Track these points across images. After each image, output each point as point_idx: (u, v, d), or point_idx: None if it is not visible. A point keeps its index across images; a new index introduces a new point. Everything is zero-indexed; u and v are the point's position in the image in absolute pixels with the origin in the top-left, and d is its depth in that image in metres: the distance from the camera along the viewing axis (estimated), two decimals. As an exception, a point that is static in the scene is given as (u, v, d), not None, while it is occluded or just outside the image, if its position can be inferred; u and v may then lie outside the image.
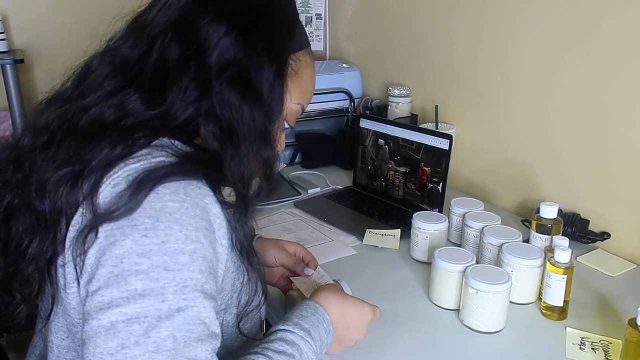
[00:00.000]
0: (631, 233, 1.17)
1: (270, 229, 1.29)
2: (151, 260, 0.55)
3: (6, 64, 1.62)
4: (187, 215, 0.57)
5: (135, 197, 0.56)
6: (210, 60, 0.65)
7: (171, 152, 0.62)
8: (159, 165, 0.59)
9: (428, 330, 0.93)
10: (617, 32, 1.13)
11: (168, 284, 0.55)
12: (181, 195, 0.58)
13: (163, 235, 0.56)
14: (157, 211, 0.56)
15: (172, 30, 0.66)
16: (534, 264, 0.97)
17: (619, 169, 1.18)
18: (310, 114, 1.76)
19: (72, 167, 0.62)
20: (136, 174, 0.58)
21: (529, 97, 1.34)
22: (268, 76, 0.67)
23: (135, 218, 0.56)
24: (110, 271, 0.55)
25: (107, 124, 0.63)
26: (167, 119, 0.65)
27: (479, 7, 1.43)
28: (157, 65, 0.66)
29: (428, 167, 1.36)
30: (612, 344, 0.89)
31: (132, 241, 0.55)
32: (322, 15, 2.09)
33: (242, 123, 0.66)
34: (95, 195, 0.58)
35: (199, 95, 0.65)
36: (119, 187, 0.58)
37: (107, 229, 0.57)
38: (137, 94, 0.65)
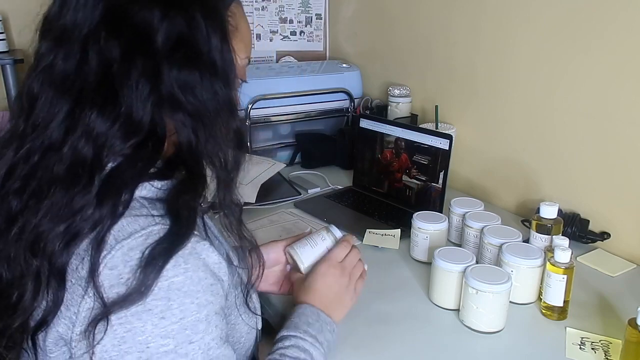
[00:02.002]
0: (631, 233, 1.17)
1: (271, 229, 1.29)
2: (176, 339, 0.57)
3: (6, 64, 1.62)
4: (192, 284, 0.58)
5: (144, 283, 0.56)
6: (157, 48, 0.61)
7: (155, 211, 0.60)
8: (152, 239, 0.57)
9: (428, 330, 0.93)
10: (617, 32, 1.13)
11: (195, 353, 0.59)
12: (182, 267, 0.58)
13: (179, 313, 0.57)
14: (167, 290, 0.57)
15: (105, 29, 0.60)
16: (534, 264, 0.97)
17: (619, 169, 1.18)
18: (310, 114, 1.76)
19: (65, 225, 0.58)
20: (135, 254, 0.57)
21: (529, 97, 1.34)
22: (216, 44, 0.64)
23: (148, 302, 0.56)
24: (138, 357, 0.56)
25: (88, 166, 0.59)
26: (132, 129, 0.60)
27: (479, 7, 1.43)
28: (100, 70, 0.60)
29: (428, 167, 1.36)
30: (612, 344, 0.89)
31: (152, 325, 0.56)
32: (322, 15, 2.09)
33: (208, 101, 0.64)
34: (97, 280, 0.56)
35: (152, 87, 0.61)
36: (118, 270, 0.56)
37: (121, 316, 0.56)
38: (94, 111, 0.59)
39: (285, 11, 2.04)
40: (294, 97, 1.71)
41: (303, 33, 2.09)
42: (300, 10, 2.06)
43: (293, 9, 2.05)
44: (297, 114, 1.74)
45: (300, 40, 2.09)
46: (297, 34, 2.08)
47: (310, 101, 1.75)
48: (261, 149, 1.71)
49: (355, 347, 0.88)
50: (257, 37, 2.01)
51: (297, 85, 1.73)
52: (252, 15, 1.99)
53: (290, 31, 2.07)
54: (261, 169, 1.49)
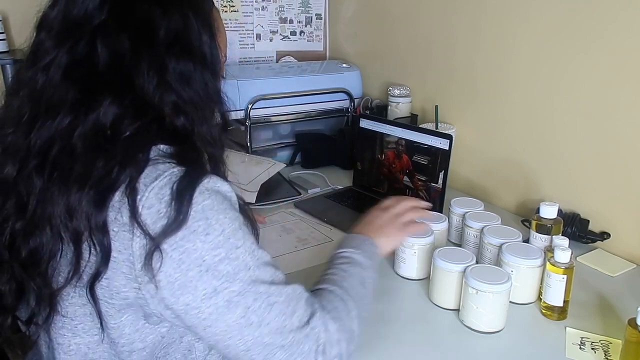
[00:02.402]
0: (631, 233, 1.17)
1: (271, 229, 1.29)
2: (224, 248, 0.66)
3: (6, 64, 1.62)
4: (219, 204, 0.67)
5: (181, 210, 0.64)
6: (159, 41, 0.69)
7: (169, 162, 0.68)
8: (175, 177, 0.66)
9: (428, 330, 0.93)
10: (617, 33, 1.13)
11: (244, 256, 0.68)
12: (205, 194, 0.66)
13: (219, 227, 0.66)
14: (202, 212, 0.65)
15: (114, 23, 0.68)
16: (534, 264, 0.97)
17: (619, 169, 1.18)
18: (310, 114, 1.76)
19: (96, 188, 0.65)
20: (165, 191, 0.65)
21: (529, 97, 1.34)
22: (206, 40, 0.74)
23: (190, 225, 0.64)
24: (198, 271, 0.64)
25: (108, 138, 0.67)
26: (142, 109, 0.68)
27: (479, 8, 1.43)
28: (112, 59, 0.68)
29: (428, 167, 1.36)
30: (612, 344, 0.89)
31: (201, 242, 0.65)
32: (322, 15, 2.09)
33: (201, 91, 0.73)
34: (140, 220, 0.63)
35: (160, 77, 0.69)
36: (156, 207, 0.64)
37: (171, 242, 0.64)
38: (108, 95, 0.67)
39: (285, 11, 2.04)
40: (294, 97, 1.71)
41: (303, 33, 2.09)
42: (300, 10, 2.06)
43: (293, 9, 2.05)
44: (297, 114, 1.74)
45: (300, 40, 2.09)
46: (297, 34, 2.08)
47: (310, 101, 1.75)
48: (261, 149, 1.71)
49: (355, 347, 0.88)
50: (257, 37, 2.01)
51: (297, 85, 1.72)
52: (252, 15, 1.98)
53: (290, 31, 2.07)
54: (261, 169, 1.49)
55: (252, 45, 2.01)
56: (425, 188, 1.37)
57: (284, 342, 0.69)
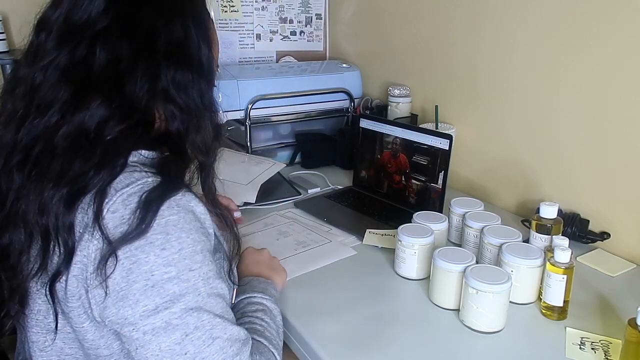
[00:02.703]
0: (631, 233, 1.17)
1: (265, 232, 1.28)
2: (177, 267, 0.65)
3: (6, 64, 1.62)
4: (186, 223, 0.67)
5: (144, 220, 0.63)
6: (158, 49, 0.71)
7: (147, 170, 0.69)
8: (148, 187, 0.66)
9: (428, 330, 0.93)
10: (617, 33, 1.13)
11: (196, 280, 0.66)
12: (175, 208, 0.66)
13: (177, 245, 0.65)
14: (164, 226, 0.65)
15: (117, 30, 0.69)
16: (534, 264, 0.97)
17: (618, 169, 1.18)
18: (310, 114, 1.76)
19: (68, 188, 0.65)
20: (133, 199, 0.65)
21: (528, 97, 1.34)
22: (205, 51, 0.76)
23: (149, 237, 0.64)
24: (144, 285, 0.63)
25: (90, 139, 0.67)
26: (129, 113, 0.69)
27: (479, 7, 1.43)
28: (109, 64, 0.69)
29: (428, 167, 1.36)
30: (612, 344, 0.89)
31: (154, 256, 0.64)
32: (322, 15, 2.09)
33: (197, 99, 0.74)
34: (102, 223, 0.64)
35: (152, 83, 0.70)
36: (120, 212, 0.64)
37: (126, 250, 0.63)
38: (100, 97, 0.68)
39: (285, 11, 2.04)
40: (294, 97, 1.71)
41: (303, 33, 2.09)
42: (300, 10, 2.06)
43: (293, 9, 2.05)
44: (297, 114, 1.74)
45: (300, 40, 2.09)
46: (297, 34, 2.08)
47: (310, 101, 1.75)
48: (261, 149, 1.71)
49: (355, 347, 0.88)
50: (257, 37, 2.01)
51: (297, 85, 1.72)
52: (252, 15, 1.98)
53: (290, 31, 2.07)
54: (261, 169, 1.49)
55: (252, 45, 2.01)
56: (425, 188, 1.37)
57: None
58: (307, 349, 0.90)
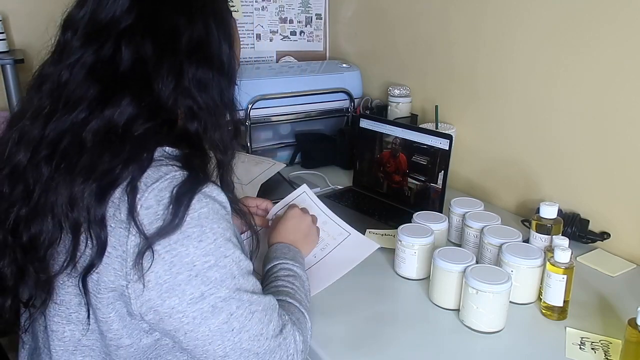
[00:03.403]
0: (631, 233, 1.17)
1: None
2: (214, 255, 0.69)
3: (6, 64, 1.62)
4: (214, 214, 0.70)
5: (177, 214, 0.66)
6: (181, 48, 0.72)
7: (172, 164, 0.71)
8: (177, 181, 0.68)
9: (428, 330, 0.93)
10: (617, 33, 1.13)
11: (231, 265, 0.71)
12: (203, 201, 0.69)
13: (212, 235, 0.69)
14: (197, 219, 0.68)
15: (141, 29, 0.71)
16: (533, 264, 0.97)
17: (618, 169, 1.18)
18: (310, 114, 1.76)
19: (98, 182, 0.67)
20: (165, 194, 0.67)
21: (528, 97, 1.34)
22: (225, 49, 0.77)
23: (184, 230, 0.67)
24: (188, 275, 0.67)
25: (118, 135, 0.69)
26: (156, 111, 0.71)
27: (479, 8, 1.43)
28: (135, 62, 0.70)
29: (428, 167, 1.36)
30: (612, 344, 0.89)
31: (194, 248, 0.67)
32: (322, 15, 2.09)
33: (217, 97, 0.75)
34: (137, 219, 0.65)
35: (177, 82, 0.72)
36: (153, 208, 0.66)
37: (165, 244, 0.66)
38: (128, 96, 0.69)
39: (285, 11, 2.04)
40: (294, 97, 1.71)
41: (303, 33, 2.09)
42: (300, 10, 2.06)
43: (293, 9, 2.05)
44: (297, 114, 1.74)
45: (300, 40, 2.09)
46: (297, 34, 2.08)
47: (310, 101, 1.75)
48: (261, 149, 1.71)
49: (355, 347, 0.88)
50: (257, 37, 2.01)
51: (297, 85, 1.72)
52: (252, 16, 1.98)
53: (290, 31, 2.07)
54: (261, 169, 1.49)
55: (252, 45, 2.01)
56: (425, 188, 1.37)
57: (260, 349, 0.72)
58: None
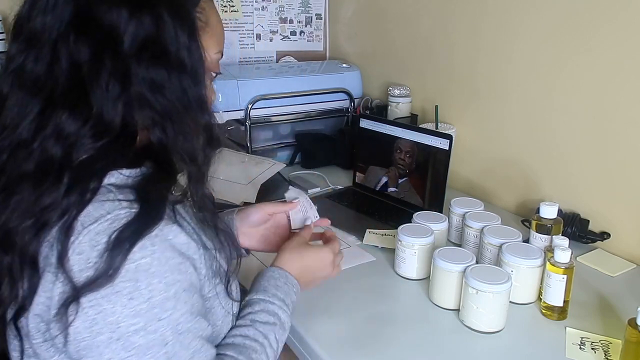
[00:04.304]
0: (631, 233, 1.17)
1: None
2: (145, 318, 0.59)
3: (6, 64, 1.63)
4: (160, 264, 0.60)
5: (112, 265, 0.57)
6: (125, 48, 0.61)
7: (122, 197, 0.62)
8: (119, 223, 0.59)
9: (428, 330, 0.93)
10: (617, 33, 1.13)
11: (164, 330, 0.61)
12: (149, 249, 0.60)
13: (147, 293, 0.59)
14: (134, 272, 0.58)
15: (74, 31, 0.61)
16: (534, 264, 0.97)
17: (618, 169, 1.18)
18: (310, 114, 1.76)
19: (34, 220, 0.60)
20: (101, 239, 0.58)
21: (529, 97, 1.34)
22: (184, 42, 0.65)
23: (116, 285, 0.58)
24: (109, 337, 0.58)
25: (57, 163, 0.60)
26: (101, 127, 0.62)
27: (479, 7, 1.43)
28: (71, 72, 0.61)
29: (428, 167, 1.36)
30: (612, 344, 0.89)
31: (121, 306, 0.58)
32: (322, 15, 2.09)
33: (177, 99, 0.65)
34: (67, 265, 0.57)
35: (122, 88, 0.62)
36: (85, 254, 0.58)
37: (91, 298, 0.58)
38: (65, 112, 0.61)
39: (285, 11, 2.04)
40: (294, 97, 1.71)
41: (303, 33, 2.09)
42: (300, 10, 2.06)
43: (293, 9, 2.05)
44: (297, 114, 1.74)
45: (300, 40, 2.09)
46: (297, 34, 2.08)
47: (310, 101, 1.75)
48: (261, 149, 1.71)
49: (355, 347, 0.88)
50: (257, 37, 2.01)
51: (297, 85, 1.72)
52: (252, 16, 1.98)
53: (290, 31, 2.07)
54: (261, 169, 1.49)
55: (252, 45, 2.01)
56: (425, 188, 1.37)
57: None
58: (307, 349, 0.90)
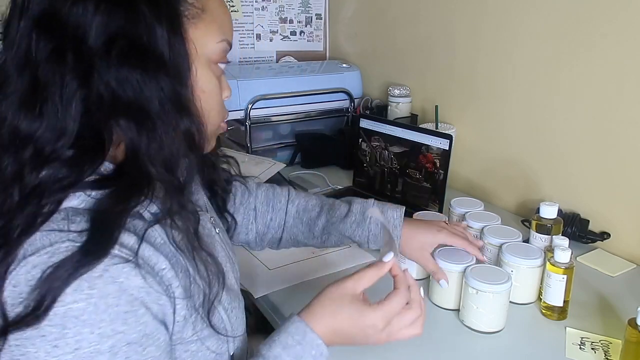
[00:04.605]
0: (631, 233, 1.17)
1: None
2: None
3: (6, 64, 1.63)
4: (96, 312, 0.52)
5: (41, 305, 0.51)
6: (90, 44, 0.55)
7: (74, 228, 0.54)
8: (57, 257, 0.52)
9: (428, 330, 0.93)
10: (617, 33, 1.13)
11: None
12: (85, 292, 0.52)
13: (74, 343, 0.52)
14: (62, 317, 0.51)
15: (36, 29, 0.55)
16: (534, 264, 0.97)
17: (619, 169, 1.18)
18: (310, 114, 1.76)
19: None
20: (35, 273, 0.52)
21: (529, 97, 1.34)
22: (162, 35, 0.57)
23: (42, 328, 0.51)
24: None
25: (11, 176, 0.55)
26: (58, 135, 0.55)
27: (479, 7, 1.43)
28: (32, 74, 0.55)
29: (428, 167, 1.36)
30: (612, 344, 0.89)
31: (44, 353, 0.51)
32: (322, 15, 2.09)
33: (152, 99, 0.57)
34: (2, 294, 0.52)
35: (80, 85, 0.55)
36: (19, 287, 0.52)
37: (17, 337, 0.52)
38: (19, 116, 0.55)
39: (285, 11, 2.04)
40: (294, 97, 1.71)
41: (303, 33, 2.09)
42: (300, 10, 2.06)
43: (293, 9, 2.05)
44: (297, 114, 1.74)
45: (300, 40, 2.09)
46: (297, 34, 2.08)
47: (310, 101, 1.75)
48: (261, 149, 1.71)
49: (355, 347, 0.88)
50: (257, 37, 2.01)
51: (297, 85, 1.72)
52: (252, 16, 1.98)
53: (290, 31, 2.07)
54: (261, 169, 1.49)
55: (252, 45, 2.01)
56: (425, 188, 1.37)
57: None
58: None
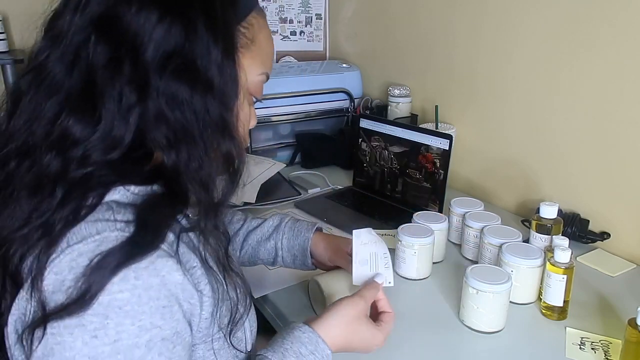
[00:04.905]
0: (631, 233, 1.17)
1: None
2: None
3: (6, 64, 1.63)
4: (139, 304, 0.52)
5: (85, 294, 0.51)
6: (147, 57, 0.56)
7: (119, 217, 0.55)
8: (105, 246, 0.52)
9: (428, 330, 0.93)
10: (617, 33, 1.13)
11: None
12: (130, 282, 0.52)
13: (114, 334, 0.51)
14: (106, 307, 0.51)
15: (96, 32, 0.56)
16: (534, 264, 0.97)
17: (619, 169, 1.18)
18: (310, 114, 1.76)
19: (28, 230, 0.55)
20: (82, 261, 0.52)
21: (529, 97, 1.34)
22: (216, 58, 0.58)
23: (83, 317, 0.51)
24: None
25: (54, 174, 0.56)
26: (112, 143, 0.57)
27: (479, 7, 1.43)
28: (86, 76, 0.56)
29: (428, 167, 1.36)
30: (612, 344, 0.89)
31: (82, 343, 0.51)
32: (322, 15, 2.09)
33: (197, 119, 0.58)
34: (42, 284, 0.52)
35: (138, 99, 0.56)
36: (62, 275, 0.52)
37: (54, 325, 0.51)
38: (73, 119, 0.56)
39: (285, 11, 2.04)
40: (294, 97, 1.71)
41: (303, 33, 2.09)
42: (300, 10, 2.06)
43: (293, 9, 2.05)
44: (297, 114, 1.74)
45: (300, 40, 2.09)
46: (297, 34, 2.08)
47: (310, 101, 1.75)
48: (261, 149, 1.71)
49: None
50: (257, 37, 2.01)
51: (297, 85, 1.73)
52: (252, 15, 1.99)
53: (290, 31, 2.07)
54: (261, 169, 1.49)
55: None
56: (425, 188, 1.37)
57: None
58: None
